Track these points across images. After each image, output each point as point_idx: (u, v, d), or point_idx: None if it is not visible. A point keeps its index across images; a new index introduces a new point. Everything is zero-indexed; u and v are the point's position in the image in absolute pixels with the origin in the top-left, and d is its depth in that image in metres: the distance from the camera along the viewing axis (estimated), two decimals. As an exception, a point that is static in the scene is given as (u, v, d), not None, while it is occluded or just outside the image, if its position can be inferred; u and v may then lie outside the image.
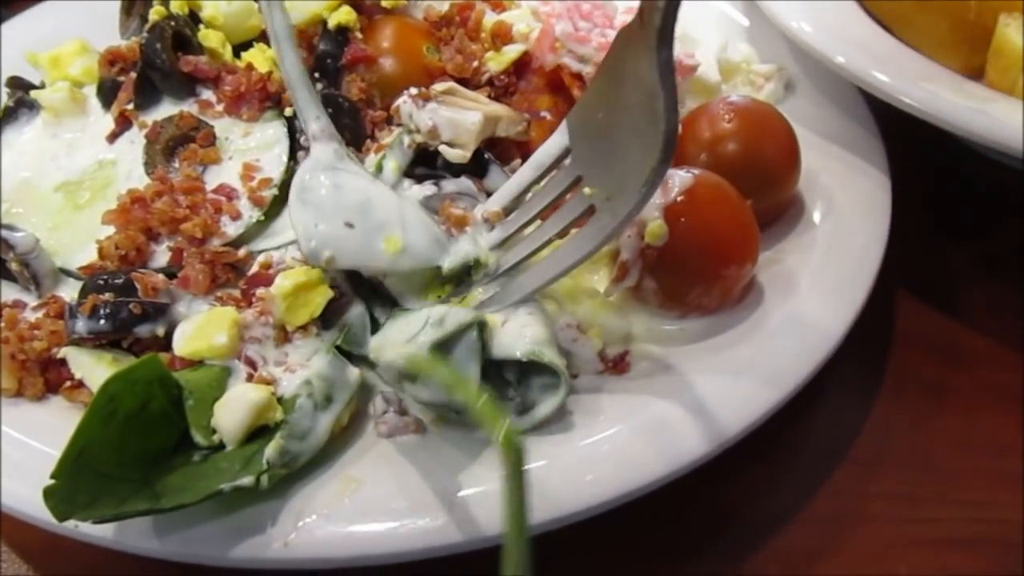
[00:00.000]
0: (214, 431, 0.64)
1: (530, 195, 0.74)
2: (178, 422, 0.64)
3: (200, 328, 0.69)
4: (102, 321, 0.69)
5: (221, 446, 0.64)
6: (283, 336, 0.69)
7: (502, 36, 0.90)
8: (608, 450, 0.64)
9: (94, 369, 0.69)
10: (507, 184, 0.75)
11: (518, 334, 0.66)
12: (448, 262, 0.72)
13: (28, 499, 0.61)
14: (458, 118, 0.77)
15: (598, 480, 0.62)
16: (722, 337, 0.72)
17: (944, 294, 0.85)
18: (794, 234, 0.81)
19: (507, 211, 0.75)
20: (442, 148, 0.76)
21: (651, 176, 0.58)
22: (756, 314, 0.73)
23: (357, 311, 0.73)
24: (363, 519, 0.61)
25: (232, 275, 0.75)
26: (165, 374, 0.64)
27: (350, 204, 0.70)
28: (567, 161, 0.71)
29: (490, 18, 0.92)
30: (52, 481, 0.56)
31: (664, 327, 0.75)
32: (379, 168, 0.78)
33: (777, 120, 0.82)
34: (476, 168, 0.79)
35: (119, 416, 0.60)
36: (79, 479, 0.57)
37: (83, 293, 0.72)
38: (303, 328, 0.69)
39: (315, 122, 0.75)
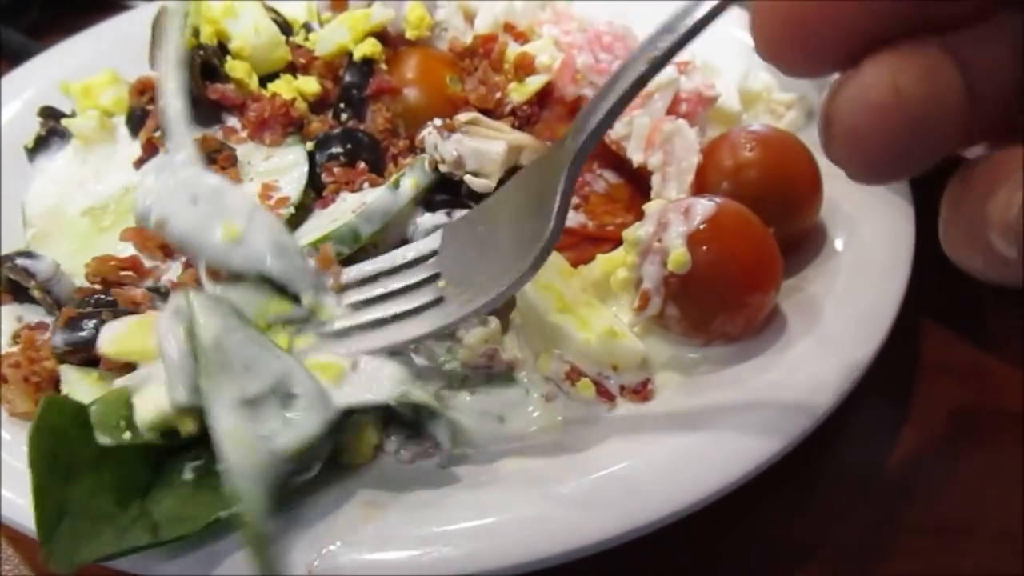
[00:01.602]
0: (125, 428, 0.62)
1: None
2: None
3: (132, 330, 0.69)
4: (77, 332, 0.71)
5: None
6: None
7: (525, 67, 0.91)
8: (629, 481, 0.63)
9: (78, 385, 0.70)
10: (364, 265, 0.74)
11: (373, 376, 0.66)
12: (281, 276, 0.69)
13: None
14: (483, 148, 0.77)
15: (619, 510, 0.62)
16: (746, 365, 0.72)
17: (971, 320, 0.84)
18: (816, 261, 0.80)
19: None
20: (467, 178, 0.77)
21: (511, 284, 0.62)
22: (780, 342, 0.73)
23: None
24: (386, 547, 0.61)
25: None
26: (78, 408, 0.62)
27: (203, 187, 0.69)
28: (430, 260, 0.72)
29: (513, 48, 0.93)
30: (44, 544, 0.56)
31: (687, 354, 0.74)
32: (395, 184, 0.78)
33: (799, 148, 0.82)
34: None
35: (83, 461, 0.60)
36: (70, 532, 0.57)
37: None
38: None
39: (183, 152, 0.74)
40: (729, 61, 1.03)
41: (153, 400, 0.62)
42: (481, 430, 0.71)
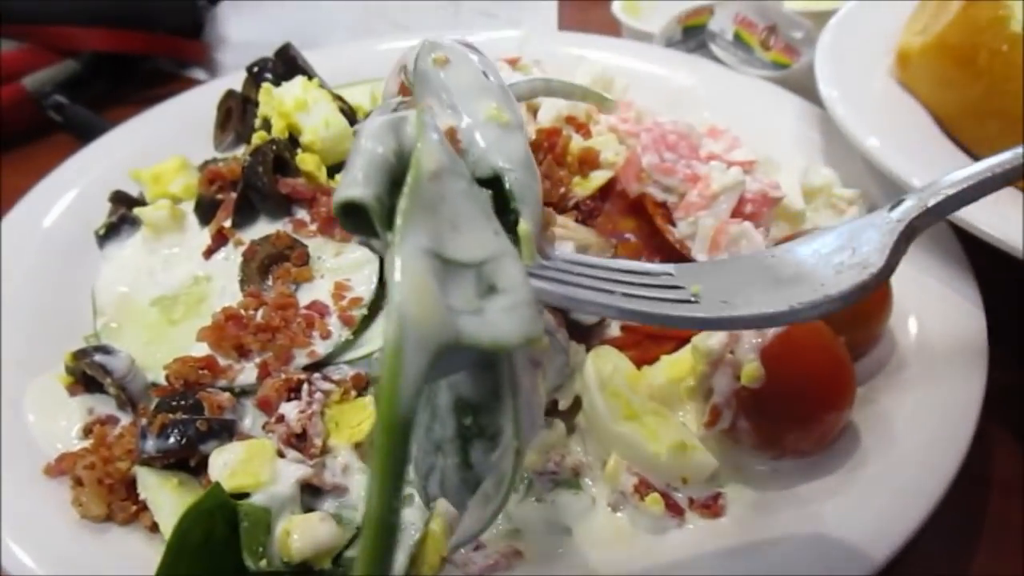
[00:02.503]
0: (262, 556, 0.63)
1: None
2: (235, 549, 0.64)
3: (243, 462, 0.69)
4: (170, 439, 0.71)
5: (267, 573, 0.64)
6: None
7: (589, 162, 0.91)
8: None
9: (159, 492, 0.70)
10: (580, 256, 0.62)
11: None
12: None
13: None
14: (552, 250, 0.77)
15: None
16: (817, 484, 0.71)
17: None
18: (886, 371, 0.79)
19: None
20: (536, 281, 0.77)
21: (807, 307, 0.55)
22: (852, 460, 0.71)
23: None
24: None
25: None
26: (226, 500, 0.65)
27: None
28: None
29: (576, 142, 0.94)
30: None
31: (756, 467, 0.73)
32: None
33: (867, 254, 0.82)
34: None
35: (188, 549, 0.61)
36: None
37: (154, 413, 0.74)
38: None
39: None
40: (789, 155, 1.04)
41: (310, 534, 0.63)
42: (549, 543, 0.70)
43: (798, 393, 0.70)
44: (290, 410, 0.72)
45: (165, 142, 1.10)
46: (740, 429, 0.71)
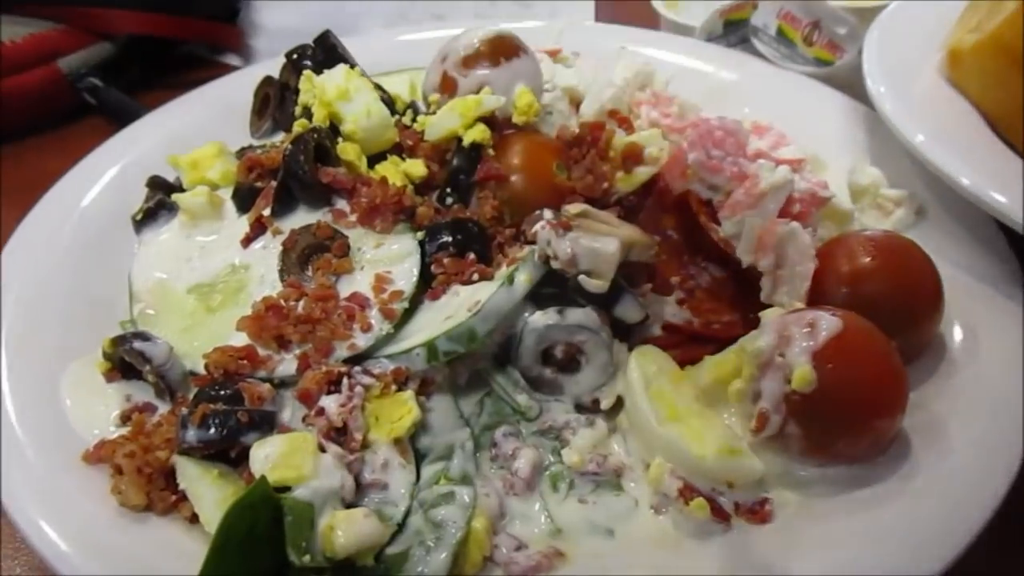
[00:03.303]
0: (306, 551, 0.62)
1: None
2: (281, 547, 0.63)
3: (285, 455, 0.67)
4: (211, 430, 0.70)
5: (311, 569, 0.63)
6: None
7: (633, 158, 0.90)
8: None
9: (199, 483, 0.69)
10: None
11: None
12: None
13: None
14: (597, 248, 0.76)
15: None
16: (868, 492, 0.69)
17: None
18: (937, 376, 0.78)
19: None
20: (581, 278, 0.76)
21: None
22: (904, 467, 0.70)
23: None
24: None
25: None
26: (270, 495, 0.64)
27: None
28: None
29: (619, 137, 0.92)
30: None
31: (801, 472, 0.72)
32: (510, 280, 0.77)
33: (920, 256, 0.80)
34: (607, 296, 0.78)
35: (232, 543, 0.60)
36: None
37: (194, 403, 0.73)
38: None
39: None
40: (834, 154, 1.02)
41: (354, 530, 0.62)
42: (592, 544, 0.69)
43: (852, 398, 0.68)
44: (330, 403, 0.71)
45: (201, 127, 1.09)
46: (789, 435, 0.70)
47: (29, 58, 1.27)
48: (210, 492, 0.67)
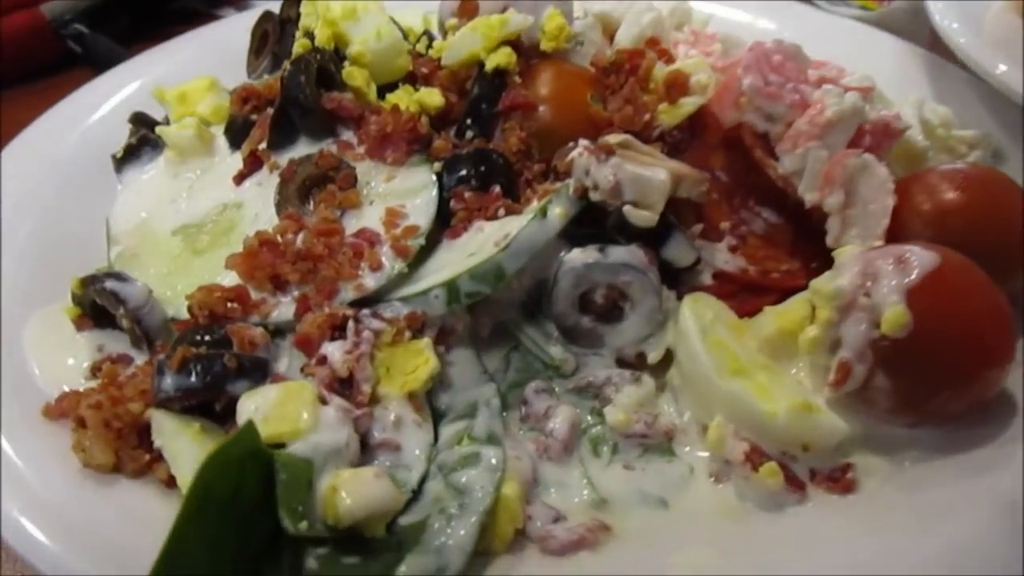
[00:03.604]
0: (302, 516, 0.52)
1: None
2: (272, 512, 0.52)
3: (279, 406, 0.57)
4: (193, 377, 0.60)
5: (308, 538, 0.52)
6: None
7: (678, 87, 0.79)
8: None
9: (176, 439, 0.59)
10: None
11: None
12: None
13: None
14: (645, 175, 0.66)
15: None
16: (967, 456, 0.59)
17: None
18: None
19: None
20: (627, 209, 0.65)
21: None
22: (1008, 431, 0.59)
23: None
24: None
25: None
26: (259, 448, 0.53)
27: None
28: None
29: (660, 68, 0.82)
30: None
31: (889, 434, 0.61)
32: (543, 212, 0.67)
33: (1013, 190, 0.70)
34: (655, 234, 0.68)
35: (212, 506, 0.49)
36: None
37: (173, 347, 0.62)
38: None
39: None
40: (900, 90, 0.91)
41: (363, 492, 0.52)
42: (642, 516, 0.58)
43: (953, 343, 0.57)
44: (334, 351, 0.61)
45: (195, 68, 0.98)
46: (876, 388, 0.59)
47: (8, 1, 1.17)
48: (190, 450, 0.56)
